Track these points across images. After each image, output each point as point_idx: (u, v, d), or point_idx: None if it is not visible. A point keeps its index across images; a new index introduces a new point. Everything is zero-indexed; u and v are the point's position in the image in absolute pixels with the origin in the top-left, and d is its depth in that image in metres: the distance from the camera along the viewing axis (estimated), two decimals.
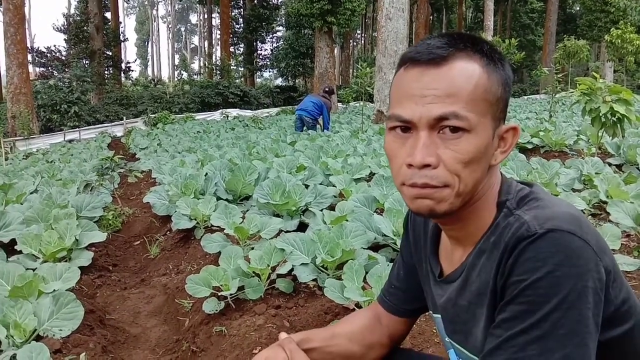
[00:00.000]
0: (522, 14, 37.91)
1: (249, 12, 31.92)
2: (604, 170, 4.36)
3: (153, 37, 73.58)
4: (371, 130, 9.74)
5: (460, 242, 0.95)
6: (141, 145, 11.46)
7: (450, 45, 0.83)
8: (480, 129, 0.82)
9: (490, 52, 0.86)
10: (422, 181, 0.82)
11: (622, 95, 5.10)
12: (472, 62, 0.83)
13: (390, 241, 2.91)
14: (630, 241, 3.01)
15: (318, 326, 2.28)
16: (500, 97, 0.85)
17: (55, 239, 3.32)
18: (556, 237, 0.77)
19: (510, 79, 0.89)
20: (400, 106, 0.85)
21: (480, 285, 0.87)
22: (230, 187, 4.35)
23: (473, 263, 0.89)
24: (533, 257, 0.77)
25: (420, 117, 0.82)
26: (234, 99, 24.31)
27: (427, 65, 0.83)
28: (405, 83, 0.85)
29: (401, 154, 0.85)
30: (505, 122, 0.89)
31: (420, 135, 0.82)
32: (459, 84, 0.81)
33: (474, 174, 0.83)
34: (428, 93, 0.81)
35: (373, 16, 41.43)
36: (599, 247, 0.79)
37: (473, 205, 0.89)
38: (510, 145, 0.89)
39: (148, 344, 2.68)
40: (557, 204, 0.85)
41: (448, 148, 0.81)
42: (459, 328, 0.96)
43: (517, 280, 0.78)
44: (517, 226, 0.81)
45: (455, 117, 0.80)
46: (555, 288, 0.74)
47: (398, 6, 11.20)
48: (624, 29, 16.51)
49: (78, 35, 25.09)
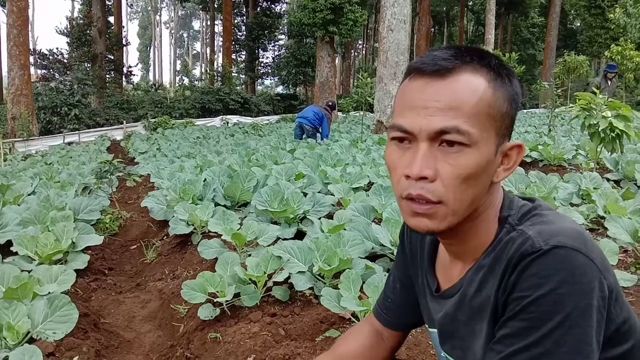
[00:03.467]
0: (523, 29, 38.15)
1: (251, 19, 32.07)
2: (602, 185, 4.36)
3: (155, 42, 73.85)
4: (370, 140, 9.76)
5: (459, 257, 0.93)
6: (140, 149, 11.46)
7: (457, 58, 0.82)
8: (482, 145, 0.80)
9: (498, 67, 0.84)
10: (417, 192, 0.81)
11: (622, 111, 5.12)
12: (477, 75, 0.82)
13: (388, 251, 2.90)
14: (628, 257, 3.01)
15: (314, 335, 2.27)
16: (506, 113, 0.84)
17: (51, 241, 3.31)
18: (561, 253, 0.75)
19: (519, 95, 0.87)
20: (402, 116, 0.84)
21: (481, 301, 0.85)
22: (228, 193, 4.35)
23: (471, 278, 0.88)
24: (537, 274, 0.75)
25: (420, 128, 0.81)
26: (234, 106, 24.37)
27: (432, 77, 0.82)
28: (408, 93, 0.85)
29: (400, 165, 0.84)
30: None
31: (420, 146, 0.81)
32: (462, 97, 0.80)
33: (471, 190, 0.82)
34: (430, 105, 0.81)
35: (375, 27, 41.65)
36: (603, 265, 0.78)
37: (474, 222, 0.87)
38: (515, 163, 0.88)
39: (142, 349, 2.66)
40: (561, 220, 0.83)
41: (447, 162, 0.80)
42: (457, 343, 0.94)
43: (520, 296, 0.76)
44: (521, 242, 0.80)
45: (457, 132, 0.79)
46: (558, 305, 0.73)
47: (400, 18, 11.27)
48: (624, 45, 16.59)
49: (80, 39, 25.16)
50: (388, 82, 11.37)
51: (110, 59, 27.82)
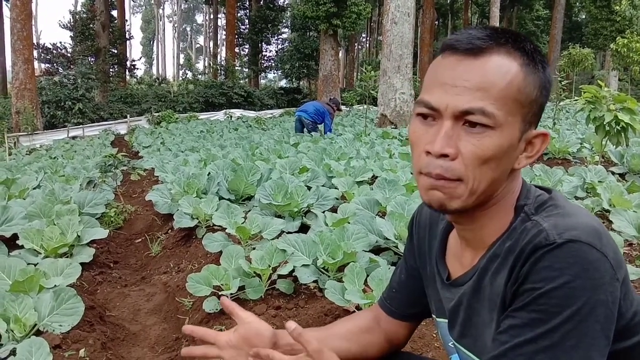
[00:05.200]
0: (527, 21, 37.87)
1: (254, 13, 31.98)
2: (607, 178, 4.35)
3: (158, 36, 73.77)
4: (374, 133, 9.74)
5: (471, 243, 0.93)
6: (144, 143, 11.49)
7: (491, 38, 0.81)
8: (506, 128, 0.80)
9: (532, 53, 0.83)
10: (436, 171, 0.81)
11: (627, 104, 5.10)
12: (510, 58, 0.81)
13: (392, 245, 2.91)
14: (633, 250, 3.01)
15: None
16: (535, 99, 0.82)
17: (57, 234, 3.32)
18: (575, 247, 0.75)
19: (550, 84, 0.85)
20: (430, 92, 0.83)
21: (493, 290, 0.85)
22: (232, 187, 4.35)
23: (486, 267, 0.87)
24: (549, 267, 0.75)
25: (447, 106, 0.80)
26: (237, 100, 24.35)
27: (464, 55, 0.81)
28: (439, 70, 0.84)
29: (423, 141, 0.84)
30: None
31: (444, 124, 0.81)
32: (492, 78, 0.79)
33: (491, 173, 0.81)
34: (459, 83, 0.80)
35: (379, 20, 41.48)
36: (616, 261, 0.77)
37: (491, 208, 0.87)
38: (538, 152, 0.86)
39: (147, 342, 2.68)
40: (577, 213, 0.82)
41: (469, 142, 0.79)
42: (468, 332, 0.94)
43: (531, 288, 0.76)
44: (535, 233, 0.79)
45: (482, 114, 0.78)
46: (569, 299, 0.73)
47: (404, 10, 11.21)
48: (630, 38, 16.49)
49: (84, 33, 25.18)
50: (392, 76, 11.33)
51: (114, 53, 27.81)
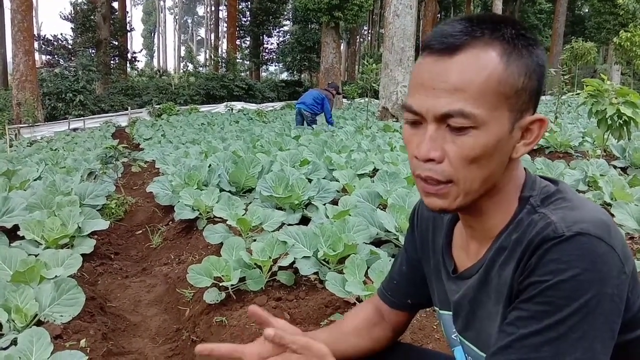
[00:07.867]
0: (530, 15, 37.65)
1: (256, 5, 31.81)
2: (609, 172, 4.34)
3: (160, 28, 73.53)
4: (376, 126, 9.73)
5: (476, 236, 0.92)
6: (145, 135, 11.48)
7: (465, 33, 0.79)
8: (491, 125, 0.78)
9: (514, 38, 0.79)
10: (425, 174, 0.81)
11: (630, 97, 5.07)
12: (488, 51, 0.78)
13: (393, 237, 2.91)
14: (634, 243, 3.00)
15: (318, 319, 2.28)
16: (523, 87, 0.80)
17: (58, 225, 3.33)
18: (583, 240, 0.74)
19: (541, 66, 0.82)
20: (412, 96, 0.83)
21: (500, 282, 0.85)
22: (233, 179, 4.35)
23: (493, 259, 0.87)
24: (558, 259, 0.75)
25: (427, 110, 0.79)
26: (239, 92, 24.29)
27: (440, 55, 0.79)
28: (419, 72, 0.83)
29: (412, 145, 0.84)
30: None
31: (428, 127, 0.80)
32: (469, 76, 0.77)
33: (482, 171, 0.80)
34: (437, 85, 0.78)
35: (380, 12, 41.27)
36: (624, 254, 0.77)
37: (493, 198, 0.86)
38: (536, 137, 0.84)
39: (148, 333, 2.69)
40: (585, 206, 0.81)
41: (454, 143, 0.79)
42: (472, 325, 0.94)
43: (539, 280, 0.76)
44: (543, 226, 0.78)
45: (461, 115, 0.77)
46: (577, 292, 0.73)
47: (406, 3, 11.15)
48: (633, 32, 16.40)
49: (85, 24, 25.06)
50: (393, 69, 11.29)
51: (115, 44, 27.71)
